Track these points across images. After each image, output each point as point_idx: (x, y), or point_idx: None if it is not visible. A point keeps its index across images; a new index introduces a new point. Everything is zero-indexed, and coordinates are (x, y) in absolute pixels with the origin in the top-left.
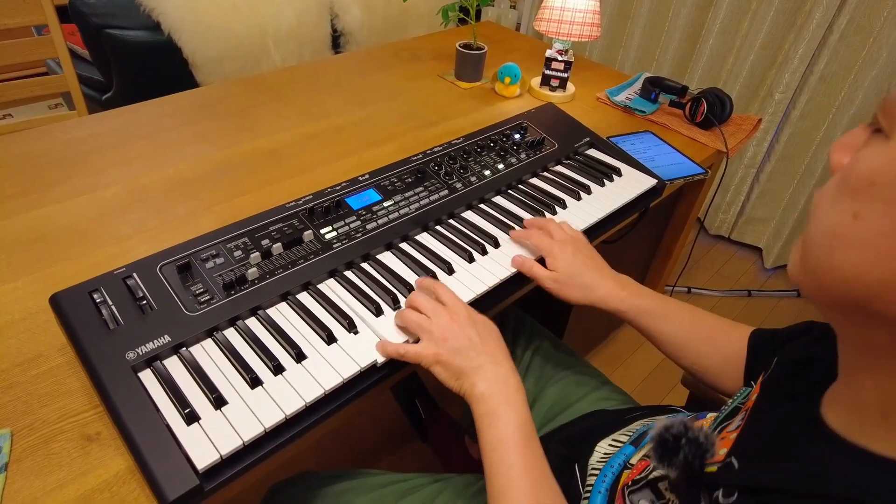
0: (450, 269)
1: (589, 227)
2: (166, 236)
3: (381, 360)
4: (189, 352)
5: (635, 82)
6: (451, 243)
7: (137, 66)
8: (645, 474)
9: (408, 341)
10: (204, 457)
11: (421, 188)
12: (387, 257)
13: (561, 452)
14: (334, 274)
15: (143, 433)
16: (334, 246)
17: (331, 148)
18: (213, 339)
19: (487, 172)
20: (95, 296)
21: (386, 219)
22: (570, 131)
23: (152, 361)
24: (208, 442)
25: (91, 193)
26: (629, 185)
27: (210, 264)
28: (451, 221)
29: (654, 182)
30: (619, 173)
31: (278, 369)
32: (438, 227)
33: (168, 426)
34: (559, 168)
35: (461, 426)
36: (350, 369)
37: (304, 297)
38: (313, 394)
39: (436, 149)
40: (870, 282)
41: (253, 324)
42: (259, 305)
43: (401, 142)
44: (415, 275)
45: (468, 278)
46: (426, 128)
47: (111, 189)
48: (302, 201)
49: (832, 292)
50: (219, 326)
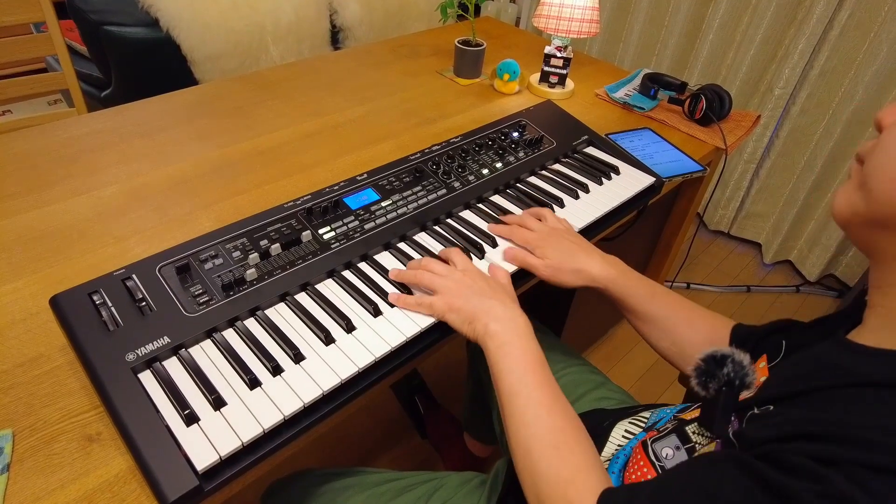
0: None
1: (587, 226)
2: (165, 236)
3: (378, 355)
4: (188, 353)
5: (634, 78)
6: (449, 243)
7: (136, 63)
8: (670, 426)
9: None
10: (203, 458)
11: (419, 187)
12: (385, 257)
13: None
14: (333, 274)
15: (144, 434)
16: (332, 246)
17: (329, 146)
18: (212, 341)
19: (486, 171)
20: (95, 297)
21: (384, 218)
22: (568, 129)
23: (152, 362)
24: (207, 443)
25: (90, 193)
26: (627, 184)
27: (209, 265)
28: (449, 221)
29: (652, 180)
30: (617, 171)
31: (277, 370)
32: (437, 227)
33: (168, 427)
34: (557, 166)
35: (461, 423)
36: (348, 370)
37: (303, 298)
38: (311, 395)
39: (434, 147)
40: None
41: (252, 325)
42: (258, 306)
43: (399, 139)
44: None
45: None
46: (425, 125)
47: (110, 188)
48: (300, 201)
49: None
50: (218, 327)
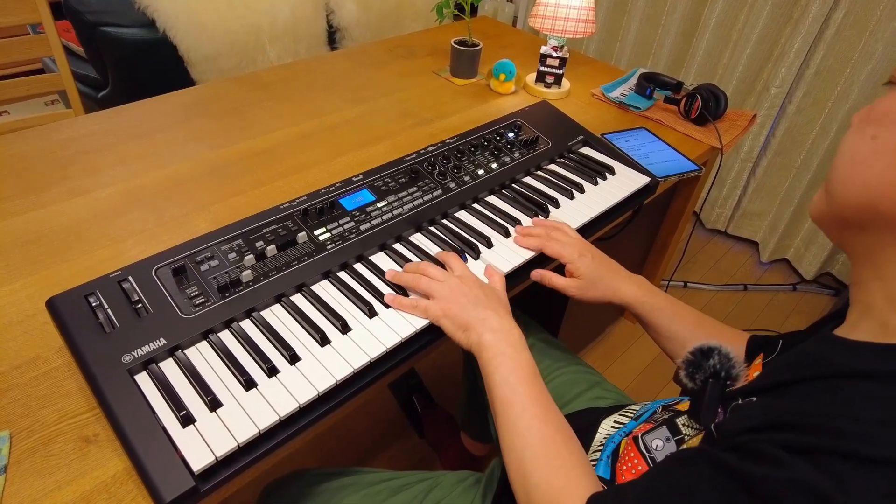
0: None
1: (582, 226)
2: (161, 237)
3: (373, 356)
4: (184, 354)
5: (630, 78)
6: (444, 244)
7: (133, 64)
8: (659, 419)
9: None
10: (199, 458)
11: (415, 188)
12: (381, 258)
13: None
14: (328, 275)
15: (140, 435)
16: (328, 247)
17: (325, 147)
18: (208, 342)
19: (481, 172)
20: (91, 299)
21: (380, 219)
22: (563, 129)
23: (148, 364)
24: (203, 444)
25: (87, 194)
26: (622, 184)
27: (205, 266)
28: (444, 222)
29: (647, 180)
30: (612, 171)
31: (272, 371)
32: (432, 228)
33: (164, 428)
34: (553, 167)
35: (458, 422)
36: (343, 371)
37: (298, 299)
38: (307, 395)
39: (430, 148)
40: (885, 183)
41: (247, 326)
42: (253, 307)
43: (395, 140)
44: None
45: None
46: (421, 125)
47: (107, 190)
48: (296, 202)
49: (851, 202)
50: (214, 329)
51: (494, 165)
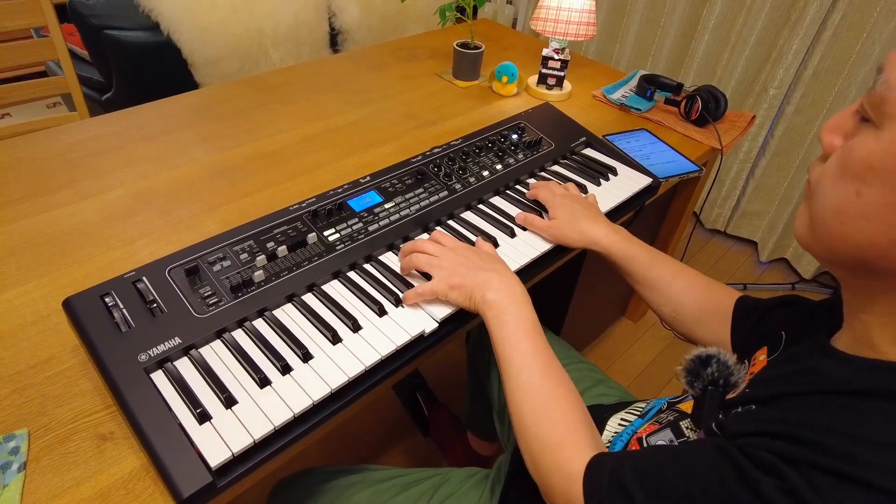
0: None
1: None
2: (171, 238)
3: (385, 353)
4: (199, 353)
5: (631, 80)
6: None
7: (137, 67)
8: (664, 421)
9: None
10: (216, 454)
11: (421, 189)
12: (389, 258)
13: None
14: (338, 275)
15: (157, 432)
16: (338, 248)
17: (330, 149)
18: (222, 341)
19: (486, 173)
20: (107, 299)
21: (387, 220)
22: (566, 131)
23: (164, 363)
24: (220, 440)
25: (96, 196)
26: (624, 184)
27: (217, 267)
28: (450, 222)
29: (649, 181)
30: (614, 172)
31: (286, 369)
32: (439, 228)
33: (181, 425)
34: (556, 168)
35: (462, 421)
36: (356, 368)
37: (310, 299)
38: (320, 392)
39: (435, 150)
40: (881, 244)
41: (260, 325)
42: (266, 307)
43: (400, 142)
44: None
45: None
46: (424, 127)
47: (116, 192)
48: (305, 204)
49: (843, 255)
50: (227, 328)
51: (499, 167)
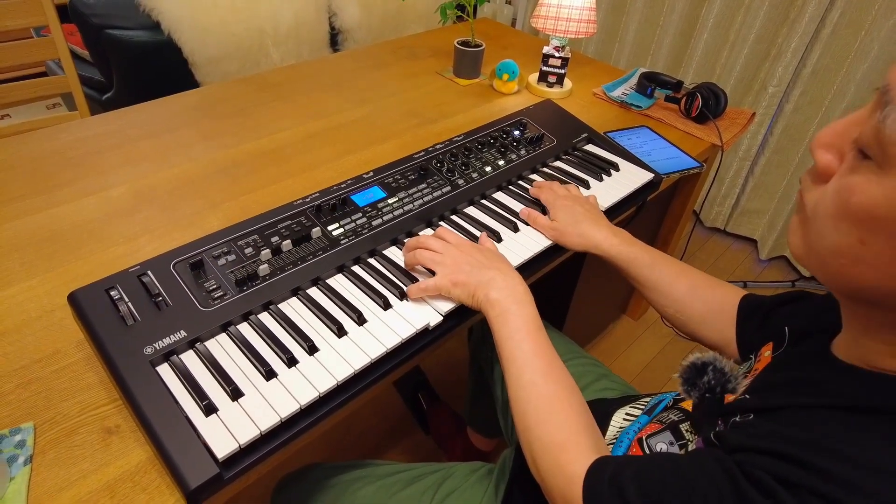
0: None
1: None
2: (174, 235)
3: (390, 346)
4: (205, 346)
5: (631, 78)
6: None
7: (137, 66)
8: (664, 423)
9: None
10: (223, 446)
11: (424, 185)
12: (393, 253)
13: None
14: (342, 269)
15: (164, 425)
16: (342, 242)
17: (332, 146)
18: (228, 334)
19: (488, 169)
20: (112, 293)
21: (391, 215)
22: (568, 127)
23: (169, 356)
24: (227, 432)
25: (98, 193)
26: (627, 180)
27: (222, 261)
28: (453, 217)
29: (650, 176)
30: (616, 168)
31: (292, 361)
32: (442, 223)
33: (187, 417)
34: (558, 164)
35: (463, 419)
36: (362, 360)
37: (315, 292)
38: (326, 384)
39: (437, 146)
40: (885, 290)
41: (266, 318)
42: (271, 300)
43: (401, 139)
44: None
45: None
46: (426, 125)
47: (118, 189)
48: (309, 199)
49: (842, 290)
50: (233, 321)
51: (501, 162)
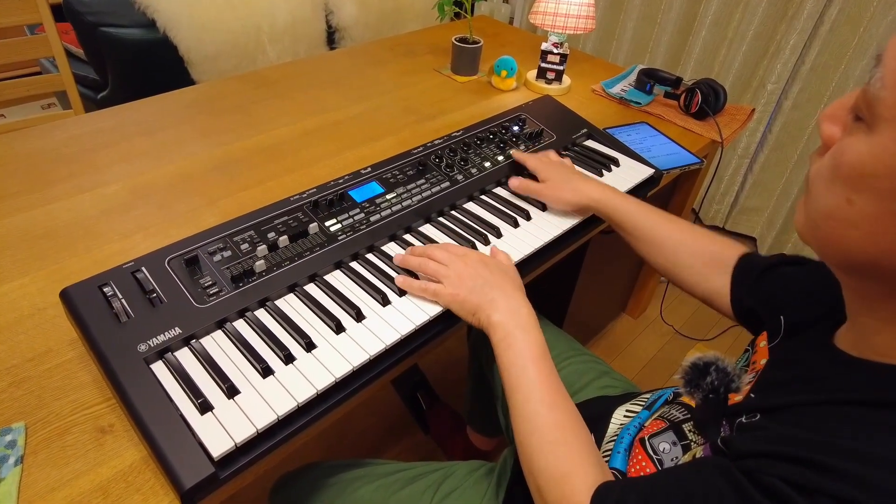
0: None
1: (588, 217)
2: (170, 232)
3: (389, 342)
4: (200, 343)
5: (630, 74)
6: (453, 234)
7: (133, 65)
8: (666, 423)
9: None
10: (219, 445)
11: (423, 180)
12: (391, 248)
13: None
14: (340, 265)
15: (158, 423)
16: (339, 238)
17: (330, 143)
18: (224, 331)
19: (488, 164)
20: (106, 290)
21: (389, 211)
22: (567, 123)
23: (164, 353)
24: (222, 430)
25: (93, 190)
26: (627, 175)
27: (217, 257)
28: (453, 213)
29: (651, 172)
30: (616, 163)
31: (289, 358)
32: (441, 219)
33: (182, 416)
34: None
35: (462, 418)
36: (360, 357)
37: (312, 289)
38: (324, 382)
39: (436, 141)
40: (872, 253)
41: (262, 315)
42: (267, 297)
43: (399, 136)
44: None
45: None
46: (424, 122)
47: (113, 186)
48: (306, 194)
49: (835, 259)
50: (228, 318)
51: (501, 158)
